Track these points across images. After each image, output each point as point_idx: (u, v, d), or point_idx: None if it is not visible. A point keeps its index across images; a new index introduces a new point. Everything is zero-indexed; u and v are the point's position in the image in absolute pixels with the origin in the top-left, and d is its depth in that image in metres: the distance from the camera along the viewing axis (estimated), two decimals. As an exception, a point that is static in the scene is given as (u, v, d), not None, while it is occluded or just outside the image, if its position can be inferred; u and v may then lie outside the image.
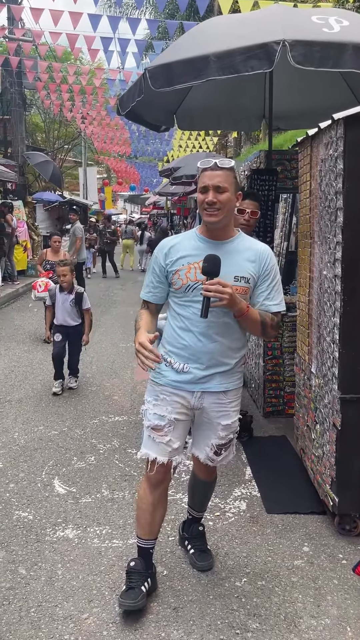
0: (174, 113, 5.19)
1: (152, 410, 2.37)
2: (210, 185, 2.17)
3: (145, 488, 2.42)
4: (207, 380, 2.33)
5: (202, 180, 2.21)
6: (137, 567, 2.42)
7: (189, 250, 2.29)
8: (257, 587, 2.53)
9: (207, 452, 2.46)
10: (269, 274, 2.31)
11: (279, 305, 2.34)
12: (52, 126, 27.10)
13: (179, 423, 2.36)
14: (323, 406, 3.05)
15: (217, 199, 2.17)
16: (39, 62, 11.11)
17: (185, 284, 2.26)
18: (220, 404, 2.37)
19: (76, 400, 5.15)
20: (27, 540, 2.89)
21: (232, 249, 2.27)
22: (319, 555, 2.78)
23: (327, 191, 2.89)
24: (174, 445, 2.36)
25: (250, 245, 2.32)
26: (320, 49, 3.18)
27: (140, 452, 2.43)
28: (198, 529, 2.76)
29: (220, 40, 3.45)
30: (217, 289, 2.08)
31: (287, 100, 5.21)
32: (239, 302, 2.15)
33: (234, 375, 2.39)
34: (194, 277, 2.25)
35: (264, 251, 2.32)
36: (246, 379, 5.48)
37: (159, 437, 2.35)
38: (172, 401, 2.34)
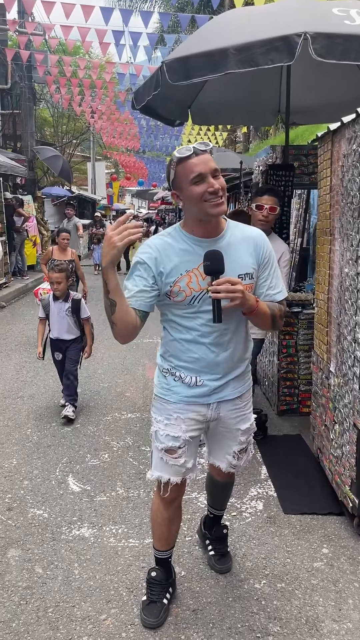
0: (189, 107, 5.14)
1: (164, 432, 2.17)
2: (207, 172, 1.89)
3: (158, 504, 2.31)
4: (222, 389, 2.17)
5: (192, 170, 1.89)
6: (157, 578, 2.36)
7: (183, 256, 2.01)
8: (276, 590, 2.50)
9: (230, 460, 2.34)
10: (268, 260, 2.12)
11: (282, 292, 2.16)
12: (61, 121, 27.07)
13: (193, 441, 2.22)
14: (343, 406, 3.00)
15: (220, 185, 1.91)
16: (49, 56, 11.05)
17: (189, 296, 2.02)
18: (237, 409, 2.24)
19: (88, 396, 5.12)
20: (43, 539, 2.87)
21: (229, 244, 2.04)
22: (338, 558, 2.73)
23: (349, 187, 2.83)
24: (188, 465, 2.22)
25: (244, 233, 2.10)
26: (342, 41, 3.11)
27: (152, 474, 2.26)
28: (222, 531, 2.68)
29: (239, 32, 3.39)
30: (227, 288, 1.87)
31: (302, 94, 5.13)
32: (249, 298, 1.95)
33: (245, 376, 2.27)
34: (197, 286, 2.01)
35: (259, 237, 2.12)
36: (259, 376, 5.44)
37: (172, 460, 2.19)
38: (186, 419, 2.16)
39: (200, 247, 2.00)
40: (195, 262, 1.99)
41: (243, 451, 2.36)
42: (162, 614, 2.28)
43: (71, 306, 4.62)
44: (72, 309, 4.62)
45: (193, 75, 3.40)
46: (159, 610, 2.28)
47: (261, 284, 2.12)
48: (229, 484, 2.62)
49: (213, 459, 2.40)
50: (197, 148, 1.90)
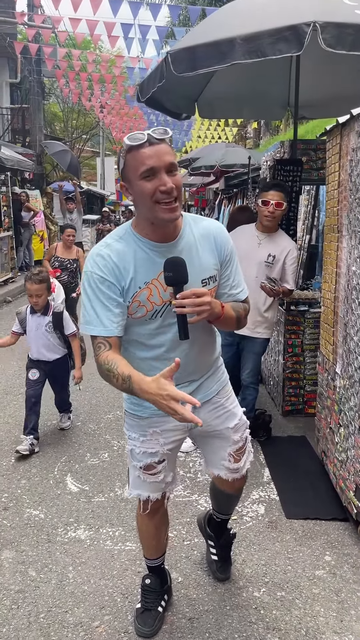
0: (196, 100, 5.04)
1: (140, 448, 2.02)
2: (160, 166, 1.59)
3: (142, 517, 2.19)
4: (195, 394, 1.96)
5: (143, 162, 1.59)
6: (152, 585, 2.27)
7: (140, 266, 1.73)
8: (276, 599, 2.41)
9: (227, 465, 2.16)
10: (230, 257, 1.89)
11: (245, 290, 1.97)
12: (71, 116, 27.01)
13: (172, 453, 2.08)
14: (348, 409, 2.90)
15: (174, 184, 1.62)
16: (58, 50, 10.97)
17: (150, 311, 1.78)
18: (217, 407, 2.08)
19: (90, 394, 5.06)
20: (38, 541, 2.81)
21: (189, 245, 1.79)
22: (341, 566, 2.64)
23: (358, 182, 2.73)
24: (167, 480, 2.10)
25: (201, 229, 1.84)
26: (353, 31, 3.01)
27: (129, 492, 2.14)
28: (229, 540, 2.51)
29: (246, 22, 3.29)
30: (193, 302, 1.63)
31: (312, 88, 5.01)
32: (215, 306, 1.73)
33: (217, 372, 2.10)
34: (158, 299, 1.76)
35: (219, 232, 1.86)
36: (264, 376, 5.35)
37: (151, 477, 2.05)
38: (163, 431, 2.00)
39: (158, 253, 1.74)
40: (154, 271, 1.73)
41: (240, 451, 2.17)
42: (156, 622, 2.20)
43: (52, 320, 3.88)
44: (53, 324, 3.89)
45: (199, 66, 3.31)
46: (153, 619, 2.20)
47: (223, 284, 1.91)
48: (236, 497, 2.41)
49: (211, 467, 2.23)
50: (152, 135, 1.61)
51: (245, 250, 3.50)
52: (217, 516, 2.49)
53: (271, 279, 3.55)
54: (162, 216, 1.66)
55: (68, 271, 6.55)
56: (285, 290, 3.69)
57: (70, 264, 6.59)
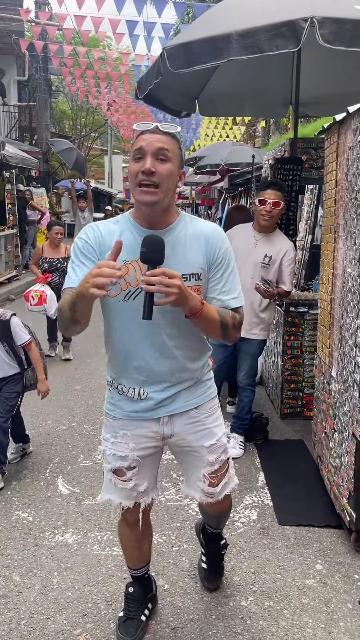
0: (196, 98, 4.98)
1: (111, 450, 1.97)
2: (147, 149, 1.66)
3: (123, 526, 2.14)
4: (170, 402, 1.91)
5: (136, 143, 1.69)
6: (135, 594, 2.21)
7: (124, 245, 1.69)
8: (263, 608, 2.35)
9: (202, 487, 2.03)
10: (222, 260, 1.84)
11: (238, 299, 1.88)
12: (80, 114, 27.02)
13: (145, 460, 1.97)
14: (343, 414, 2.83)
15: (156, 168, 1.65)
16: (64, 47, 10.94)
17: (125, 290, 1.76)
18: (195, 423, 1.97)
19: (88, 394, 5.01)
20: (25, 544, 2.76)
21: (176, 240, 1.79)
22: (332, 575, 2.58)
23: (354, 181, 2.65)
24: (140, 489, 2.00)
25: (196, 229, 1.84)
26: (352, 27, 2.94)
27: (101, 497, 2.08)
28: (220, 552, 2.41)
29: (243, 17, 3.23)
30: (160, 280, 1.57)
31: (316, 85, 4.94)
32: (190, 297, 1.65)
33: (202, 385, 1.99)
34: (134, 280, 1.76)
35: (213, 233, 1.85)
36: (263, 377, 5.28)
37: (121, 483, 1.98)
38: (134, 435, 1.93)
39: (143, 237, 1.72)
40: (136, 253, 1.70)
41: (216, 475, 2.03)
42: (139, 631, 2.15)
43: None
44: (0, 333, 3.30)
45: (195, 62, 3.25)
46: (135, 628, 2.15)
47: (212, 287, 1.85)
48: (223, 516, 2.31)
49: (187, 488, 2.12)
50: (159, 127, 1.69)
51: (241, 250, 3.44)
52: (208, 528, 2.40)
53: (265, 280, 3.49)
54: (140, 198, 1.70)
55: (59, 271, 5.97)
56: (281, 292, 3.62)
57: (60, 263, 6.02)
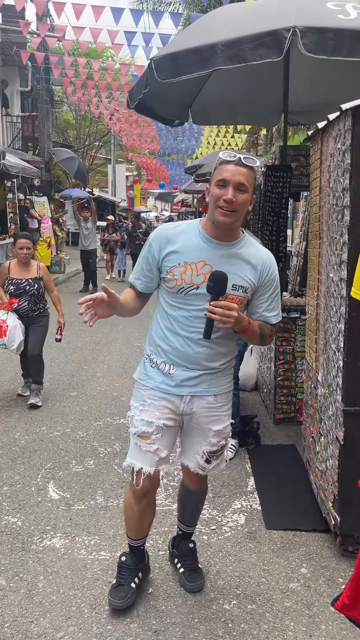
0: (189, 107, 5.03)
1: (139, 416, 2.24)
2: (231, 181, 1.96)
3: (130, 498, 2.33)
4: (195, 384, 2.21)
5: (221, 173, 1.98)
6: (127, 562, 2.39)
7: (189, 248, 2.10)
8: (246, 612, 2.37)
9: (198, 460, 2.32)
10: (271, 284, 2.17)
11: (278, 316, 2.23)
12: (83, 123, 27.24)
13: (167, 430, 2.23)
14: (327, 417, 2.86)
15: (236, 199, 1.96)
16: (64, 58, 11.07)
17: (179, 285, 2.10)
18: (210, 408, 2.25)
19: (83, 400, 5.05)
20: (12, 549, 2.79)
21: (235, 254, 2.11)
22: (317, 579, 2.59)
23: (335, 188, 2.69)
24: (161, 454, 2.23)
25: (254, 251, 2.16)
26: (334, 36, 2.97)
27: (126, 461, 2.30)
28: (189, 546, 2.60)
29: (229, 28, 3.28)
30: (222, 312, 1.95)
31: (308, 93, 4.98)
32: (241, 320, 2.02)
33: (223, 378, 2.28)
34: (189, 279, 2.08)
35: (267, 259, 2.17)
36: (258, 382, 5.30)
37: (146, 445, 2.22)
38: (160, 406, 2.21)
39: (209, 246, 2.08)
40: (197, 257, 2.07)
41: (214, 455, 2.32)
42: (129, 596, 2.32)
43: None
44: None
45: (181, 72, 3.30)
46: (125, 593, 2.32)
47: (259, 304, 2.18)
48: (200, 496, 2.55)
49: (183, 457, 2.39)
50: (242, 159, 1.97)
51: None
52: (181, 528, 2.60)
53: None
54: (218, 218, 2.01)
55: (28, 295, 4.81)
56: None
57: (29, 285, 4.81)
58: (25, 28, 9.98)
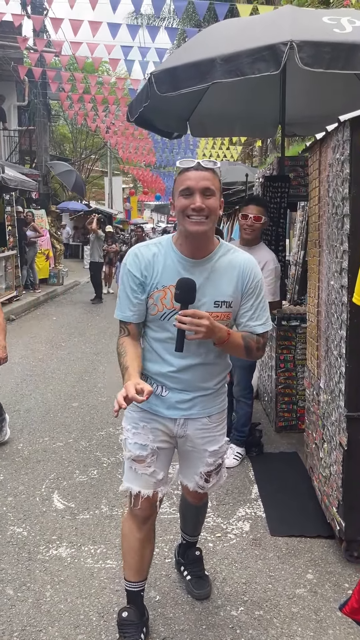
0: (187, 120, 5.11)
1: (132, 440, 2.13)
2: (196, 187, 1.86)
3: (130, 525, 2.19)
4: (189, 407, 2.12)
5: (183, 182, 1.88)
6: (130, 618, 2.18)
7: (164, 270, 1.98)
8: (253, 618, 2.38)
9: (197, 481, 2.26)
10: (253, 291, 2.05)
11: (265, 325, 2.09)
12: (80, 137, 27.44)
13: (162, 451, 2.15)
14: (330, 423, 2.88)
15: (205, 204, 1.87)
16: (61, 73, 11.20)
17: (160, 311, 2.00)
18: (205, 429, 2.17)
19: (85, 411, 5.06)
20: (19, 559, 2.79)
21: (213, 268, 2.00)
22: (323, 584, 2.60)
23: (334, 197, 2.74)
24: (158, 477, 2.14)
25: (233, 260, 2.03)
26: (330, 49, 3.04)
27: (122, 485, 2.20)
28: (195, 554, 2.58)
29: (227, 42, 3.35)
30: (191, 321, 1.84)
31: (304, 105, 5.07)
32: (217, 331, 1.91)
33: (217, 397, 2.20)
34: (169, 303, 1.98)
35: (247, 265, 2.04)
36: (259, 391, 5.33)
37: (142, 469, 2.12)
38: (153, 428, 2.12)
39: (183, 265, 1.98)
40: (173, 279, 1.96)
41: (212, 474, 2.27)
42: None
43: None
44: None
45: (181, 85, 3.37)
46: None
47: (243, 314, 2.07)
48: (201, 508, 2.51)
49: (182, 477, 2.34)
50: (201, 164, 1.88)
51: None
52: (185, 538, 2.57)
53: None
54: (190, 228, 1.90)
55: None
56: None
57: None
58: (23, 44, 10.11)
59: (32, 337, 8.35)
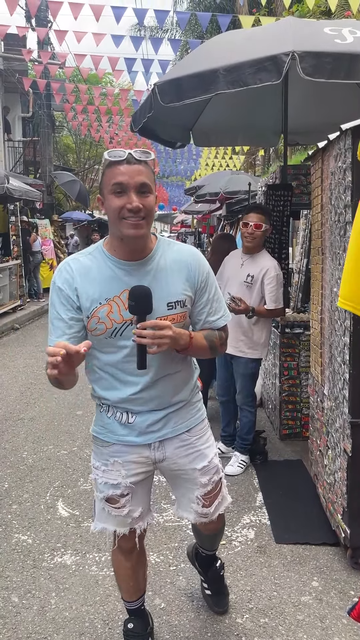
0: (190, 129, 5.15)
1: (102, 479, 1.94)
2: (130, 184, 1.62)
3: (118, 557, 2.09)
4: (161, 427, 1.90)
5: (114, 177, 1.62)
6: (136, 629, 2.14)
7: (103, 282, 1.74)
8: (259, 625, 2.37)
9: (195, 509, 2.03)
10: (205, 284, 1.85)
11: (225, 316, 1.92)
12: (83, 147, 27.64)
13: (138, 486, 1.96)
14: (334, 430, 2.89)
15: (143, 204, 1.64)
16: (65, 85, 11.32)
17: (110, 328, 1.75)
18: (186, 446, 1.96)
19: (89, 419, 5.06)
20: (24, 566, 2.80)
21: (157, 268, 1.78)
22: (328, 592, 2.59)
23: (336, 205, 2.76)
24: (134, 515, 1.96)
25: (176, 254, 1.83)
26: (331, 60, 3.08)
27: (95, 526, 2.03)
28: (218, 574, 2.42)
29: (230, 54, 3.39)
30: (153, 334, 1.62)
31: (306, 114, 5.11)
32: (180, 338, 1.71)
33: (192, 407, 1.99)
34: (118, 317, 1.74)
35: (194, 258, 1.84)
36: (263, 399, 5.33)
37: (115, 511, 1.95)
38: (125, 462, 1.91)
39: (124, 271, 1.75)
40: (117, 289, 1.74)
41: (210, 495, 2.03)
42: None
43: None
44: None
45: (184, 96, 3.41)
46: None
47: (200, 310, 1.88)
48: (217, 535, 2.31)
49: (180, 510, 2.11)
50: (132, 155, 1.63)
51: (231, 271, 3.70)
52: (202, 551, 2.41)
53: (232, 297, 3.57)
54: (126, 232, 1.67)
55: None
56: (262, 311, 3.67)
57: None
58: (27, 56, 10.25)
59: (36, 346, 8.38)
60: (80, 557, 2.88)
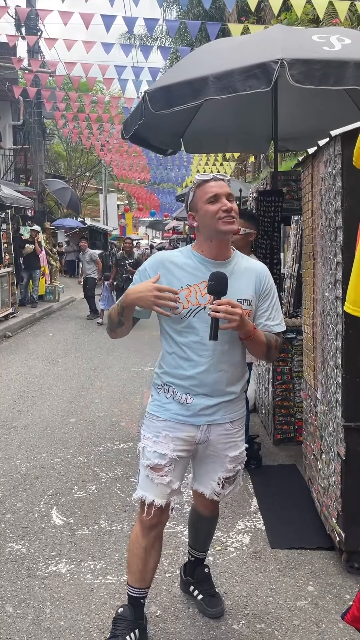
0: (181, 136, 5.19)
1: (151, 448, 2.17)
2: (221, 193, 2.07)
3: (137, 531, 2.23)
4: (213, 412, 2.17)
5: (209, 191, 2.07)
6: (124, 614, 2.22)
7: (188, 271, 2.13)
8: (255, 631, 2.36)
9: (214, 487, 2.28)
10: (268, 293, 2.21)
11: (281, 325, 2.25)
12: (74, 154, 27.70)
13: (180, 461, 2.19)
14: (328, 434, 2.90)
15: (233, 207, 2.08)
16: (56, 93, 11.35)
17: (186, 308, 2.09)
18: (227, 434, 2.22)
19: (82, 426, 5.05)
20: (18, 575, 2.77)
21: (233, 270, 2.14)
22: (324, 596, 2.59)
23: (327, 210, 2.79)
24: (173, 486, 2.17)
25: (249, 265, 2.22)
26: (320, 67, 3.13)
27: (136, 493, 2.22)
28: (204, 571, 2.53)
29: (220, 61, 3.43)
30: (226, 309, 1.95)
31: (296, 121, 5.16)
32: (247, 323, 2.03)
33: (239, 402, 2.28)
34: (195, 300, 2.10)
35: (262, 270, 2.23)
36: (257, 404, 5.33)
37: (158, 478, 2.15)
38: (174, 437, 2.16)
39: (206, 266, 2.11)
40: (199, 278, 2.10)
41: (229, 480, 2.30)
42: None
43: None
44: None
45: (174, 103, 3.43)
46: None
47: (260, 314, 2.20)
48: (214, 520, 2.50)
49: (197, 484, 2.34)
50: (216, 175, 2.11)
51: None
52: (193, 554, 2.52)
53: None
54: (223, 228, 2.06)
55: None
56: None
57: None
58: (18, 64, 10.26)
59: (29, 354, 8.34)
60: (75, 565, 2.86)
